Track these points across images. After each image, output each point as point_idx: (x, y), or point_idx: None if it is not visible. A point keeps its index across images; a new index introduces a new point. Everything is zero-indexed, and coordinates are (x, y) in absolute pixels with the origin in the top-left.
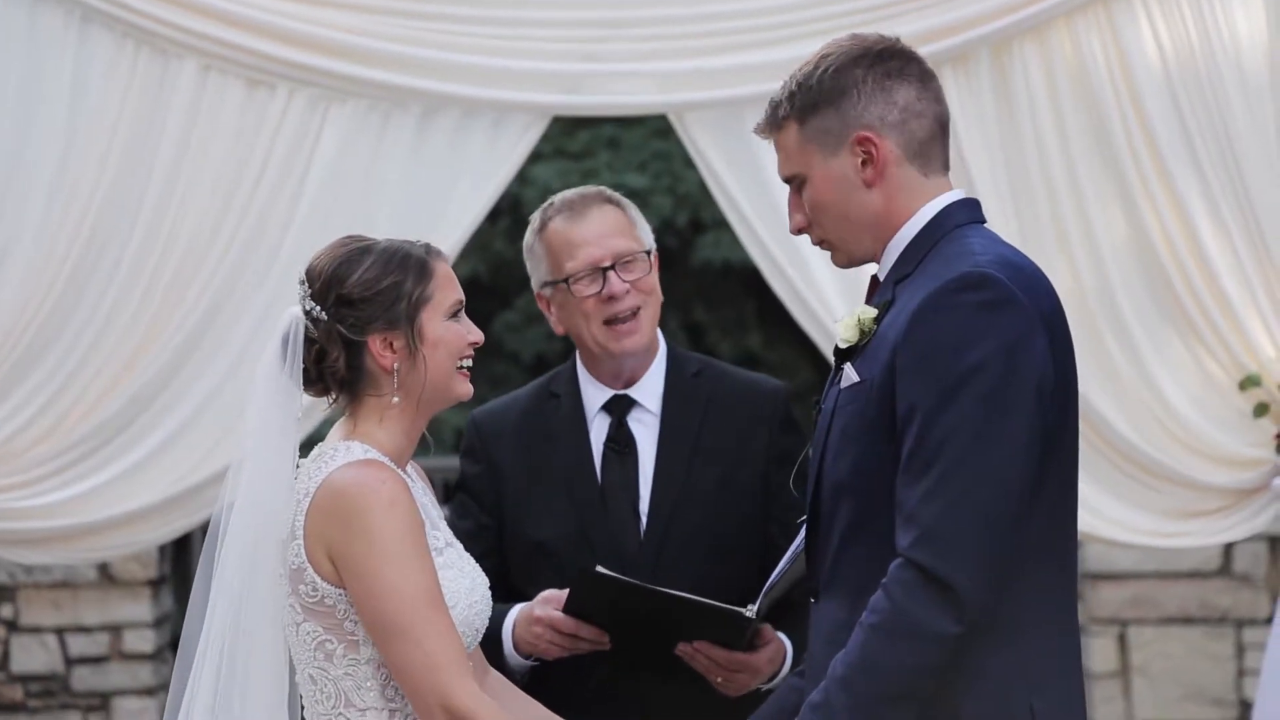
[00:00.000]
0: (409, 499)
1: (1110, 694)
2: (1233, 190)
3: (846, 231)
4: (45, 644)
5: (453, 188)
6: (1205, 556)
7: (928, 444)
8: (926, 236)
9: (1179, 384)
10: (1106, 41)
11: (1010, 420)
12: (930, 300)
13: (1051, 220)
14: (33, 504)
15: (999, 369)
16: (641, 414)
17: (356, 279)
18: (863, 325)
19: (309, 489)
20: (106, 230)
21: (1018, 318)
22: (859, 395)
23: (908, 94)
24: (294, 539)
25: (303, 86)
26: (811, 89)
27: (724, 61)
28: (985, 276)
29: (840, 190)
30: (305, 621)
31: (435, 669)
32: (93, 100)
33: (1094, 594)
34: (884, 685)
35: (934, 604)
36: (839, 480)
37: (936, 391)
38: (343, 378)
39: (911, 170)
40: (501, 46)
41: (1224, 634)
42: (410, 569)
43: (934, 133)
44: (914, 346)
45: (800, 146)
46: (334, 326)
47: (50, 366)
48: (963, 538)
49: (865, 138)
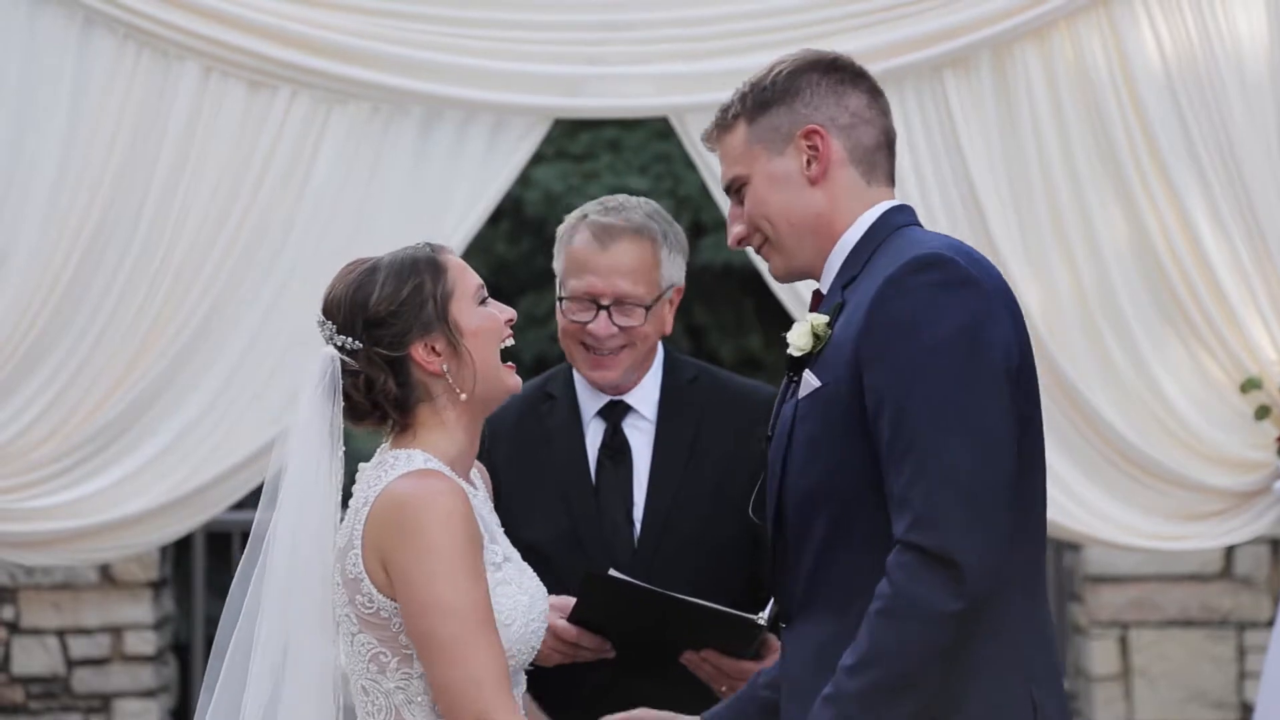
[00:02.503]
0: (466, 512)
1: (1111, 696)
2: (1233, 192)
3: (788, 233)
4: (46, 646)
5: (454, 190)
6: (1207, 559)
7: (905, 428)
8: (869, 239)
9: (1180, 386)
10: (1107, 44)
11: (983, 394)
12: (887, 286)
13: (1052, 222)
14: (34, 506)
15: (965, 345)
16: (637, 420)
17: (378, 297)
18: (816, 330)
19: (368, 498)
20: (108, 233)
21: (977, 295)
22: (822, 400)
23: (858, 101)
24: (351, 548)
25: (304, 89)
26: (765, 89)
27: (724, 64)
28: (940, 257)
29: (784, 189)
30: (361, 633)
31: (476, 688)
32: (94, 102)
33: (1095, 596)
34: (893, 670)
35: (937, 583)
36: (810, 491)
37: (905, 374)
38: (396, 397)
39: (855, 174)
40: (503, 49)
41: (1225, 637)
42: (460, 585)
43: (880, 143)
44: (876, 333)
45: (747, 147)
46: (372, 351)
47: (52, 369)
48: (955, 513)
49: (813, 130)
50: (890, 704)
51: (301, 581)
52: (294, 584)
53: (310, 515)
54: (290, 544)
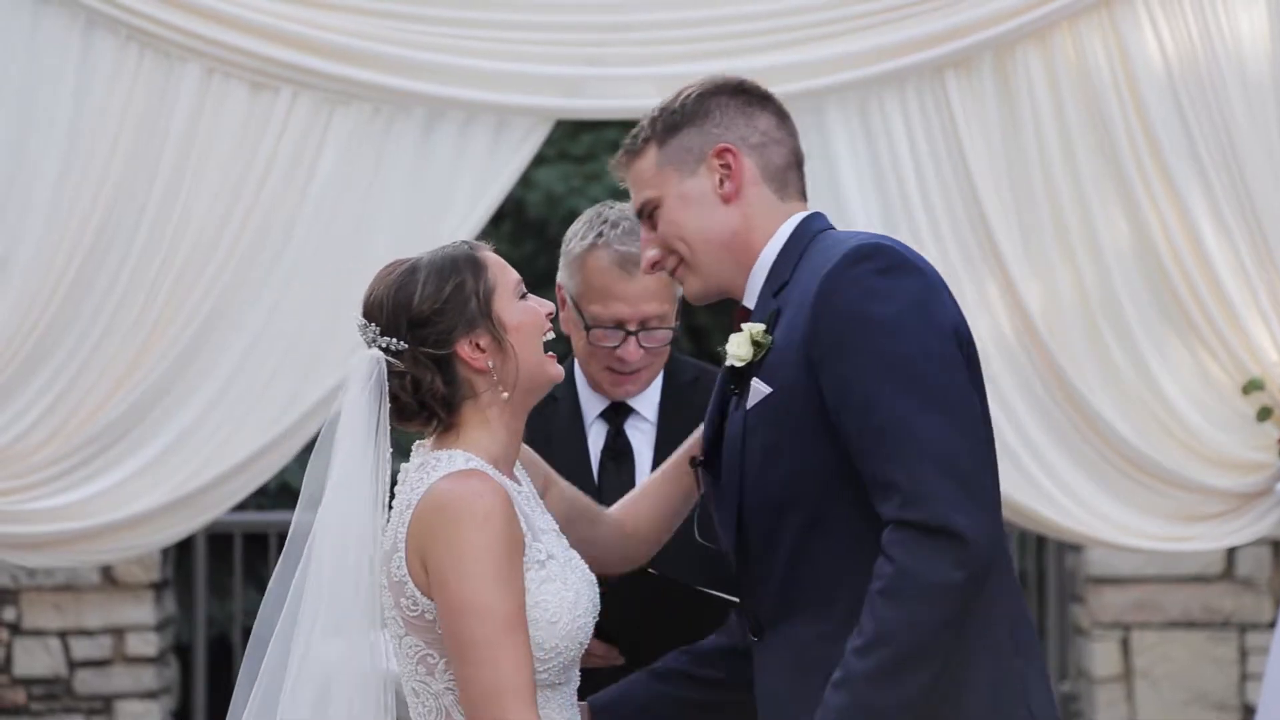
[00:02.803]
0: (507, 513)
1: (1113, 698)
2: (1235, 193)
3: (705, 252)
4: (48, 647)
5: (456, 191)
6: (1208, 560)
7: (874, 414)
8: (793, 247)
9: (1181, 387)
10: (1109, 44)
11: (944, 368)
12: (828, 281)
13: (1054, 223)
14: (36, 507)
15: (918, 323)
16: (639, 422)
17: (421, 296)
18: (756, 338)
19: (411, 500)
20: (110, 234)
21: (918, 277)
22: (775, 407)
23: (768, 122)
24: (396, 551)
25: (306, 90)
26: (674, 112)
27: (726, 65)
28: (877, 246)
29: (698, 208)
30: (407, 635)
31: (498, 694)
32: (97, 104)
33: (1097, 598)
34: (903, 646)
35: (939, 555)
36: (773, 500)
37: (863, 362)
38: (444, 396)
39: (768, 191)
40: (504, 50)
41: (1227, 638)
42: (493, 588)
43: (790, 162)
44: (826, 328)
45: (658, 169)
46: (418, 351)
47: (54, 370)
48: (944, 486)
49: (725, 149)
50: (901, 680)
51: (345, 584)
52: (338, 588)
53: (354, 519)
54: (335, 546)
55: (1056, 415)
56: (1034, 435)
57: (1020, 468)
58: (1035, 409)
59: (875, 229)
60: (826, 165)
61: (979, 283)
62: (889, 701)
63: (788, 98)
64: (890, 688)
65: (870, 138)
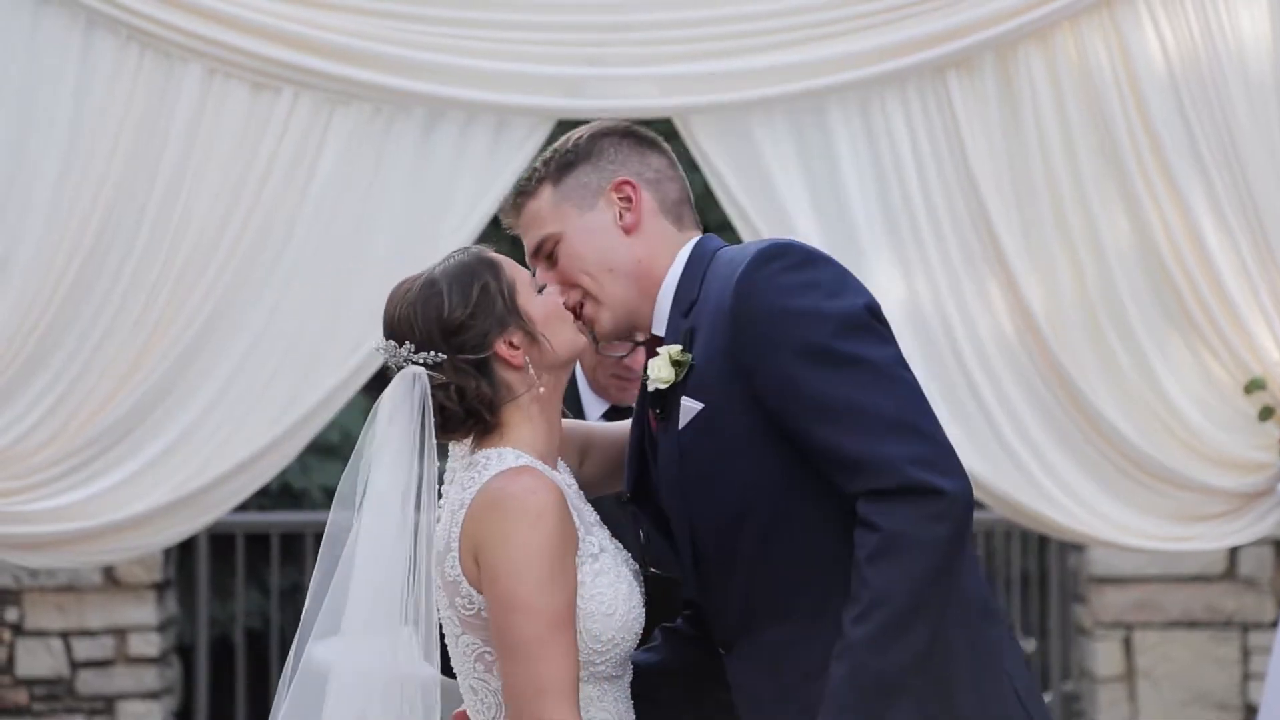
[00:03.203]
0: (560, 510)
1: (1115, 698)
2: (1237, 192)
3: (610, 282)
4: (50, 648)
5: (456, 191)
6: (1210, 560)
7: (820, 400)
8: (695, 266)
9: (1183, 387)
10: (1111, 44)
11: (873, 341)
12: (742, 285)
13: (1056, 222)
14: (38, 508)
15: (837, 305)
16: None
17: (450, 305)
18: (676, 358)
19: (464, 500)
20: (111, 234)
21: (826, 266)
22: (709, 420)
23: (659, 161)
24: (449, 551)
25: (307, 90)
26: (568, 152)
27: (726, 65)
28: (781, 245)
29: (599, 241)
30: (464, 634)
31: (540, 693)
32: (97, 104)
33: (1099, 597)
34: (897, 607)
35: (919, 512)
36: (726, 514)
37: (794, 355)
38: (489, 399)
39: (666, 223)
40: (504, 50)
41: (1229, 638)
42: (543, 587)
43: (683, 198)
44: (750, 331)
45: (554, 206)
46: (457, 359)
47: (55, 370)
48: (908, 448)
49: (625, 181)
50: (902, 640)
51: (385, 598)
52: (378, 606)
53: (390, 540)
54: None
55: (1058, 414)
56: (1035, 434)
57: (1021, 467)
58: (1036, 408)
59: (877, 229)
60: (828, 165)
61: (980, 282)
62: (892, 663)
63: (789, 97)
64: (892, 649)
65: (872, 137)
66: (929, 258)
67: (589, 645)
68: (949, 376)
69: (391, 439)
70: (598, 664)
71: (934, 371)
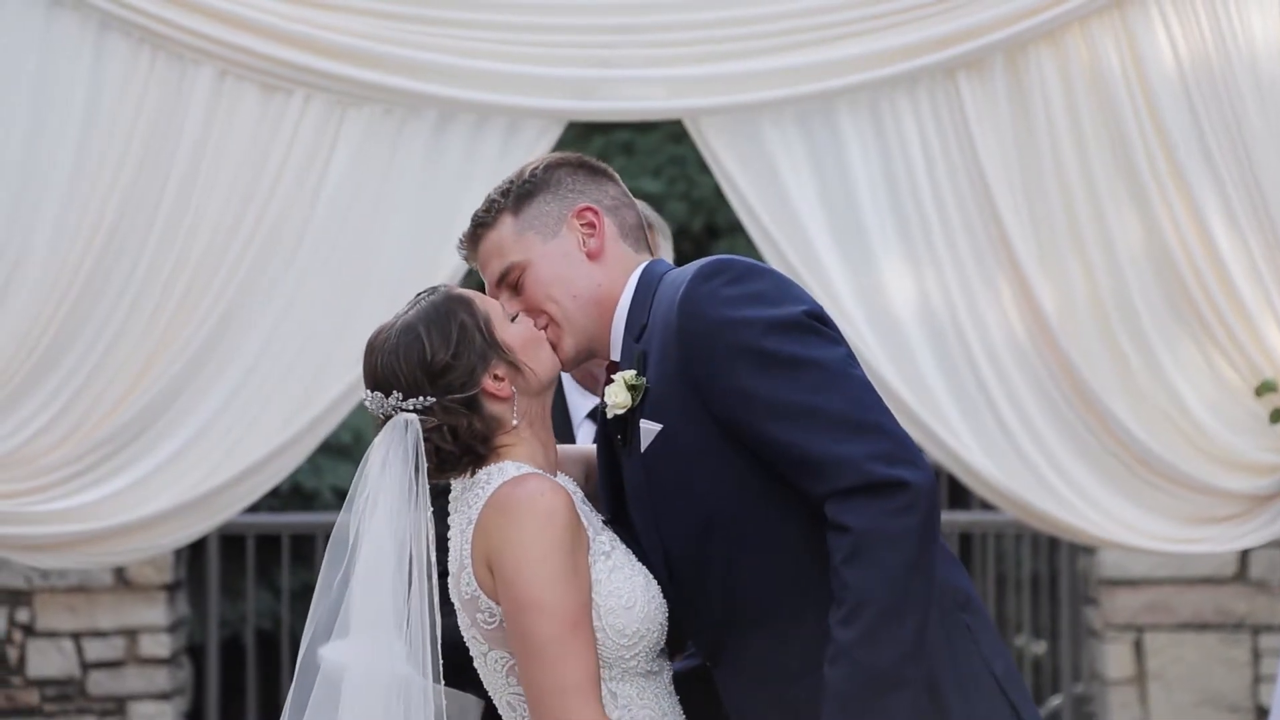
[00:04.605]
0: (569, 509)
1: (1126, 700)
2: (1248, 194)
3: (574, 307)
4: (61, 648)
5: (467, 192)
6: (1221, 562)
7: (773, 405)
8: (644, 291)
9: (1195, 389)
10: (1121, 46)
11: (819, 343)
12: (685, 305)
13: (1067, 225)
14: (49, 509)
15: (779, 315)
16: None
17: (431, 348)
18: (631, 383)
19: (471, 517)
20: (122, 236)
21: (766, 277)
22: (670, 439)
23: (615, 189)
24: (463, 569)
25: (318, 92)
26: (525, 183)
27: (738, 67)
28: (722, 261)
29: (564, 268)
30: (490, 650)
31: (562, 692)
32: (109, 106)
33: (1110, 600)
34: (882, 601)
35: (887, 507)
36: (695, 529)
37: (744, 365)
38: (481, 434)
39: (625, 247)
40: (516, 52)
41: (1240, 640)
42: (558, 585)
43: (639, 223)
44: (698, 347)
45: (517, 235)
46: (446, 400)
47: (66, 372)
48: (869, 445)
49: (587, 208)
50: (890, 635)
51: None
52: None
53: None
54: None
55: (1069, 416)
56: (1046, 436)
57: (1032, 468)
58: (1048, 409)
59: (888, 230)
60: (839, 167)
61: (992, 284)
62: (886, 657)
63: (799, 99)
64: (884, 644)
65: (882, 139)
66: (940, 259)
67: (615, 641)
68: (959, 377)
69: (385, 487)
70: (629, 660)
71: (944, 372)
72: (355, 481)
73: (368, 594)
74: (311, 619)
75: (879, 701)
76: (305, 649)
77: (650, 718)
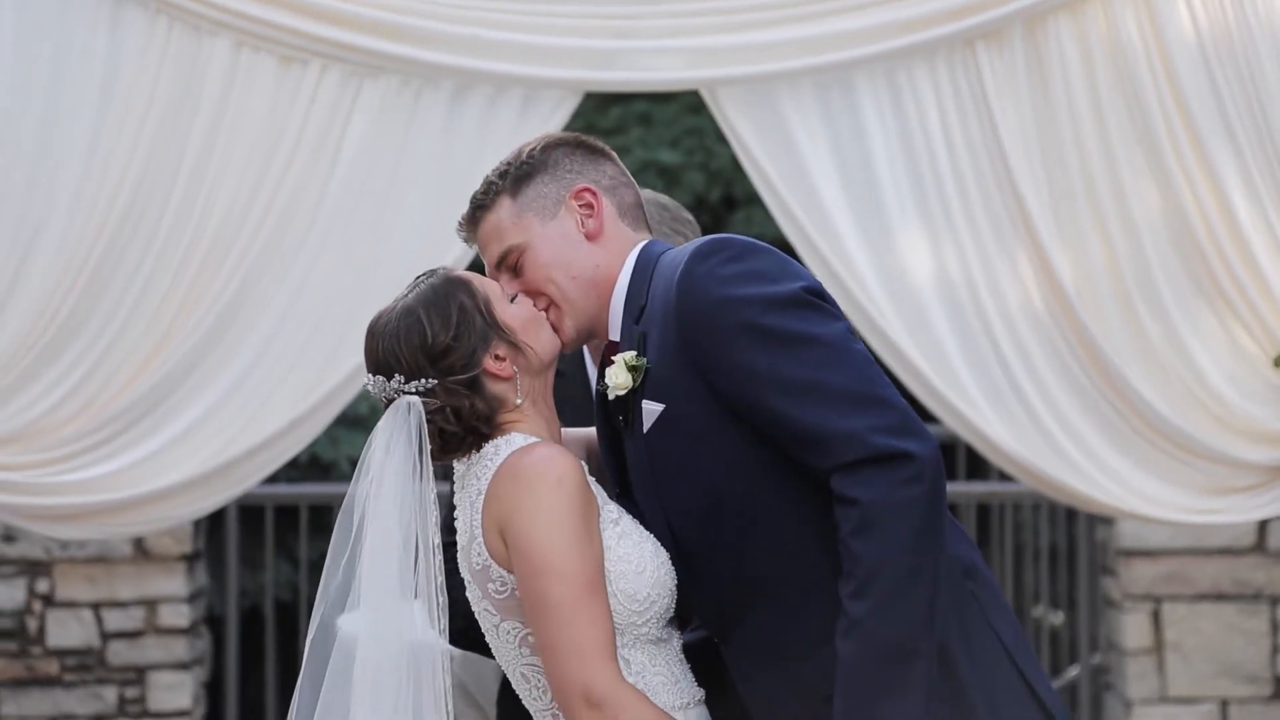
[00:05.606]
0: (579, 475)
1: (1144, 670)
2: (1268, 165)
3: (573, 288)
4: (81, 618)
5: (484, 164)
6: (1239, 533)
7: (776, 382)
8: (641, 272)
9: (1213, 359)
10: (1141, 16)
11: (818, 319)
12: (684, 284)
13: (1086, 195)
14: (68, 480)
15: (777, 292)
16: None
17: (432, 330)
18: (631, 364)
19: (481, 488)
20: (140, 208)
21: (764, 255)
22: (674, 419)
23: (613, 169)
24: (474, 540)
25: (335, 63)
26: (523, 164)
27: (755, 37)
28: (719, 240)
29: (564, 248)
30: (503, 621)
31: (579, 655)
32: (125, 78)
33: (1127, 570)
34: (892, 571)
35: (893, 478)
36: (703, 507)
37: (744, 342)
38: (484, 414)
39: (624, 227)
40: (533, 23)
41: (1258, 610)
42: (571, 550)
43: (636, 202)
44: (698, 326)
45: (516, 217)
46: (448, 382)
47: (85, 343)
48: (872, 417)
49: (585, 189)
50: (902, 605)
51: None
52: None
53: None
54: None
55: (1087, 387)
56: (1064, 406)
57: (1050, 439)
58: (1065, 380)
59: (905, 201)
60: (856, 138)
61: (1010, 255)
62: (900, 628)
63: (817, 70)
64: (897, 616)
65: (900, 110)
66: (958, 230)
67: (626, 606)
68: (977, 348)
69: (390, 470)
70: (640, 626)
71: (962, 343)
72: (360, 464)
73: (375, 576)
74: (322, 596)
75: (893, 672)
76: (316, 624)
77: (663, 684)
